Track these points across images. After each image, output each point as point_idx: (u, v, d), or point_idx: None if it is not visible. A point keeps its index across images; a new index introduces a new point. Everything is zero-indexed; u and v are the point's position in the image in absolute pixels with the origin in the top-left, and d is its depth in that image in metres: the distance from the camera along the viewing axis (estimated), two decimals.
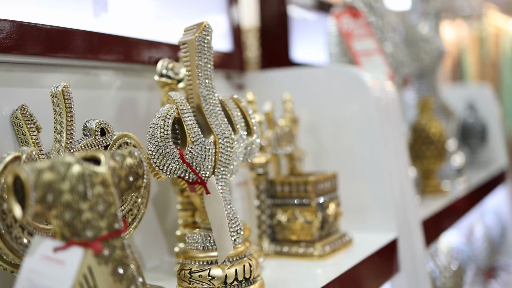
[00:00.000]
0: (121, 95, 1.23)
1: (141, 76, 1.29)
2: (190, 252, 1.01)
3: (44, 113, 1.01)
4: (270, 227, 1.31)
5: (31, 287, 0.71)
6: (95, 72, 1.18)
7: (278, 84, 1.61)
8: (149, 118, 1.27)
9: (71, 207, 0.72)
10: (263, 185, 1.29)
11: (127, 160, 0.81)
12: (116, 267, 0.75)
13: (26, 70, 1.05)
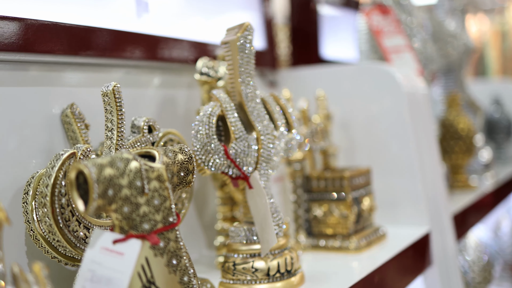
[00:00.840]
0: (160, 94, 1.27)
1: (180, 75, 1.32)
2: (233, 245, 1.05)
3: (91, 112, 1.05)
4: (306, 221, 1.34)
5: (93, 277, 0.74)
6: (137, 71, 1.22)
7: (309, 81, 1.63)
8: (188, 116, 1.30)
9: (130, 201, 0.75)
10: (299, 180, 1.32)
11: (179, 156, 0.84)
12: (171, 258, 0.79)
13: (75, 70, 1.09)
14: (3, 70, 0.97)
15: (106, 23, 1.14)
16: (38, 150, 1.00)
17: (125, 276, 0.74)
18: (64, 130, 1.03)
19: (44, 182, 0.84)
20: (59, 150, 1.00)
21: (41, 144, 1.01)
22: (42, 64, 1.03)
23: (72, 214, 0.86)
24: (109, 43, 1.13)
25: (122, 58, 1.16)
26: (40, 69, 1.03)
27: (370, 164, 1.49)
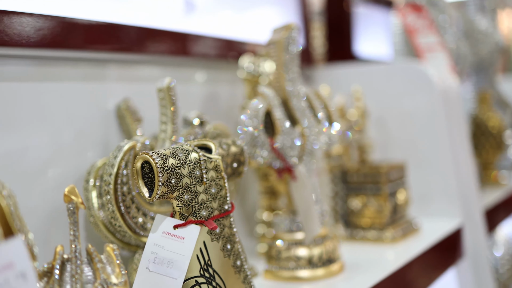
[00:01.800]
0: (204, 90, 1.32)
1: (222, 72, 1.38)
2: (278, 234, 1.10)
3: (144, 106, 1.11)
4: (344, 213, 1.39)
5: (156, 258, 0.80)
6: (181, 68, 1.28)
7: (344, 78, 1.68)
8: (230, 111, 1.36)
9: (190, 189, 0.81)
10: (337, 173, 1.37)
11: (232, 148, 0.90)
12: (225, 243, 0.85)
13: (129, 66, 1.15)
14: (64, 67, 1.03)
15: (155, 22, 1.20)
16: (94, 143, 1.06)
17: (185, 258, 0.80)
18: (118, 124, 1.10)
19: (107, 171, 0.90)
20: (114, 143, 1.07)
21: (97, 137, 1.07)
22: (98, 61, 1.09)
23: (132, 201, 0.92)
24: (158, 41, 1.19)
25: (168, 55, 1.22)
26: (97, 66, 1.09)
27: (404, 158, 1.54)
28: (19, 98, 0.95)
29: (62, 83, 1.03)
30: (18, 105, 0.95)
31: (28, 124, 0.96)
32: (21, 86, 0.95)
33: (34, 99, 0.97)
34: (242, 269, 0.87)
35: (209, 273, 0.82)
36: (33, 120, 0.97)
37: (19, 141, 0.94)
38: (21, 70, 0.96)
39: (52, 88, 1.00)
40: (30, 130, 0.96)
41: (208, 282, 0.82)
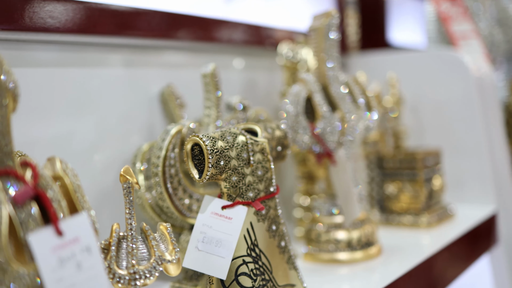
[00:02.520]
0: (242, 76, 1.35)
1: (260, 59, 1.40)
2: (317, 217, 1.13)
3: (186, 91, 1.14)
4: (379, 198, 1.41)
5: (204, 238, 0.83)
6: (221, 55, 1.30)
7: (378, 66, 1.69)
8: (268, 97, 1.38)
9: (237, 171, 0.84)
10: (373, 159, 1.39)
11: (276, 132, 0.92)
12: (271, 224, 0.87)
13: (173, 52, 1.18)
14: (109, 53, 1.06)
15: (195, 10, 1.23)
16: (138, 127, 1.10)
17: (233, 238, 0.83)
18: (162, 109, 1.12)
19: (156, 154, 0.93)
20: (157, 128, 1.10)
21: (141, 121, 1.10)
22: (141, 48, 1.12)
23: (179, 183, 0.94)
24: (198, 28, 1.21)
25: (209, 42, 1.25)
26: (141, 52, 1.12)
27: (438, 145, 1.55)
28: (66, 84, 0.98)
29: (107, 69, 1.06)
30: (65, 90, 0.98)
31: (75, 109, 0.99)
32: (68, 71, 0.98)
33: (81, 85, 1.00)
34: (286, 250, 0.89)
35: (256, 252, 0.85)
36: (79, 105, 1.00)
37: (66, 125, 0.97)
38: (69, 56, 0.99)
39: (98, 73, 1.03)
40: (76, 115, 0.99)
41: (254, 262, 0.84)
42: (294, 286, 0.90)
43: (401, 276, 1.02)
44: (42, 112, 0.94)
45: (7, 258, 0.56)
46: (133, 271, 0.71)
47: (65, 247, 0.59)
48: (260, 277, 0.84)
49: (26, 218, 0.58)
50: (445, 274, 1.22)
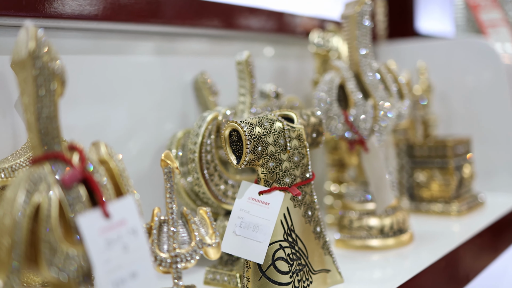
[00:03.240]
0: (273, 64, 1.35)
1: (291, 47, 1.41)
2: (349, 204, 1.13)
3: (219, 78, 1.15)
4: (409, 186, 1.41)
5: (242, 222, 0.84)
6: (252, 43, 1.31)
7: (406, 54, 1.69)
8: (299, 85, 1.39)
9: (274, 157, 0.84)
10: (402, 147, 1.39)
11: (311, 119, 0.93)
12: (307, 210, 0.88)
13: (205, 41, 1.19)
14: (144, 40, 1.07)
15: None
16: (172, 114, 1.11)
17: (270, 223, 0.83)
18: (195, 96, 1.13)
19: (192, 140, 0.94)
20: (191, 115, 1.11)
21: (175, 108, 1.11)
22: (176, 35, 1.13)
23: (215, 169, 0.95)
24: (230, 16, 1.22)
25: (240, 30, 1.25)
26: (175, 40, 1.13)
27: (467, 134, 1.55)
28: (100, 71, 0.99)
29: (141, 57, 1.07)
30: (99, 78, 0.99)
31: (109, 97, 1.00)
32: (102, 59, 0.99)
33: (115, 72, 1.01)
34: (321, 235, 0.90)
35: (292, 237, 0.85)
36: (114, 92, 1.01)
37: (101, 113, 0.99)
38: (104, 44, 1.00)
39: (131, 61, 1.05)
40: (111, 103, 1.01)
41: (291, 246, 0.85)
42: (329, 271, 0.91)
43: (432, 264, 1.03)
44: (77, 100, 0.95)
45: (57, 239, 0.57)
46: (174, 254, 0.72)
47: (112, 229, 0.60)
48: (297, 262, 0.85)
49: (74, 201, 0.60)
50: (475, 262, 1.22)
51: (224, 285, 0.93)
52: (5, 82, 0.85)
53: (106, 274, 0.59)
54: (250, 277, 0.83)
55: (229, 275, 0.93)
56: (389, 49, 1.73)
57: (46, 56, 0.59)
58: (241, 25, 1.25)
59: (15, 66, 0.60)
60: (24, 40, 0.59)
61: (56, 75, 0.60)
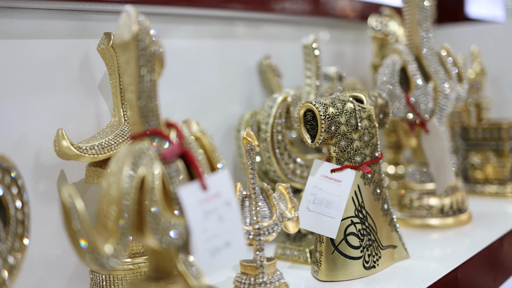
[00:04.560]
0: (329, 48, 1.38)
1: (347, 31, 1.43)
2: (409, 184, 1.16)
3: (282, 62, 1.18)
4: (463, 168, 1.43)
5: (315, 199, 0.88)
6: (306, 27, 1.34)
7: (457, 38, 1.70)
8: (355, 69, 1.42)
9: (346, 136, 0.88)
10: (457, 130, 1.41)
11: (379, 100, 0.96)
12: (375, 187, 0.91)
13: (270, 25, 1.22)
14: (211, 25, 1.11)
15: None
16: (238, 96, 1.15)
17: (342, 199, 0.87)
18: (260, 79, 1.17)
19: (264, 120, 0.98)
20: (256, 97, 1.15)
21: (241, 90, 1.15)
22: (242, 20, 1.17)
23: (285, 148, 0.99)
24: (287, 1, 1.25)
25: (297, 15, 1.28)
26: (241, 24, 1.16)
27: None
28: (172, 55, 1.02)
29: (208, 40, 1.11)
30: (172, 61, 1.03)
31: (177, 79, 1.04)
32: (170, 43, 1.03)
33: (182, 56, 1.05)
34: (388, 213, 0.94)
35: (362, 214, 0.89)
36: (181, 75, 1.05)
37: (169, 95, 1.02)
38: (172, 28, 1.04)
39: (200, 45, 1.09)
40: (179, 85, 1.05)
41: (361, 222, 0.89)
42: (396, 247, 0.94)
43: (491, 243, 1.05)
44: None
45: (161, 209, 0.62)
46: (257, 227, 0.76)
47: (209, 201, 0.64)
48: (367, 237, 0.89)
49: (174, 174, 0.64)
50: None
51: (294, 260, 0.97)
52: (89, 65, 0.90)
53: (204, 243, 0.63)
54: (323, 251, 0.87)
55: (299, 250, 0.97)
56: (439, 33, 1.75)
57: (148, 39, 0.63)
58: (299, 10, 1.28)
59: (118, 48, 0.64)
60: (127, 23, 0.63)
61: (156, 56, 0.64)
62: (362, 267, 0.88)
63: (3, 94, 0.80)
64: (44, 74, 0.85)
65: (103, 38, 0.85)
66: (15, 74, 0.82)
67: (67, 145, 0.78)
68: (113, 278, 0.82)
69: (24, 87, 0.83)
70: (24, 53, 0.83)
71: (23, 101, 0.82)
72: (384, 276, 0.90)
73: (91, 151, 0.80)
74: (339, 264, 0.87)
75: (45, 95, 0.85)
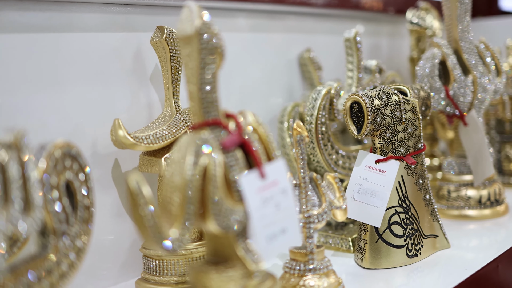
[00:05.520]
0: (365, 41, 1.40)
1: (383, 24, 1.45)
2: (447, 175, 1.18)
3: (322, 55, 1.21)
4: (498, 160, 1.45)
5: (359, 189, 0.90)
6: (346, 20, 1.36)
7: (491, 32, 1.71)
8: (391, 62, 1.44)
9: (391, 128, 0.90)
10: (492, 123, 1.43)
11: (421, 93, 0.98)
12: (418, 178, 0.94)
13: (313, 19, 1.24)
14: (254, 19, 1.13)
15: None
16: (280, 88, 1.17)
17: (387, 189, 0.89)
18: (301, 72, 1.20)
19: (309, 112, 1.00)
20: (297, 89, 1.18)
21: (282, 82, 1.18)
22: (283, 13, 1.19)
23: (328, 140, 1.02)
24: None
25: (336, 8, 1.30)
26: (282, 17, 1.19)
27: None
28: None
29: (248, 33, 1.13)
30: None
31: (222, 72, 1.07)
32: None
33: (229, 49, 1.07)
34: (430, 203, 0.96)
35: (406, 204, 0.91)
36: (226, 67, 1.07)
37: None
38: (217, 22, 1.07)
39: (243, 38, 1.11)
40: (225, 77, 1.07)
41: (405, 212, 0.91)
42: (437, 236, 0.96)
43: None
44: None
45: (223, 196, 0.64)
46: (307, 215, 0.79)
47: (266, 189, 0.67)
48: (410, 227, 0.91)
49: (234, 163, 0.67)
50: None
51: (337, 248, 1.00)
52: (141, 57, 0.93)
53: (262, 229, 0.66)
54: (367, 239, 0.90)
55: (341, 238, 0.99)
56: (473, 26, 1.75)
57: (210, 33, 0.66)
58: (335, 3, 1.30)
59: (180, 42, 0.67)
60: (189, 18, 0.66)
61: (218, 49, 0.67)
62: (405, 255, 0.90)
63: (62, 84, 0.84)
64: (99, 65, 0.88)
65: (156, 32, 0.88)
66: (72, 65, 0.85)
67: (124, 135, 0.81)
68: (166, 263, 0.85)
69: (81, 78, 0.86)
70: (81, 45, 0.86)
71: (80, 91, 0.86)
72: (426, 264, 0.92)
73: (146, 141, 0.83)
74: (383, 252, 0.89)
75: (99, 86, 0.88)
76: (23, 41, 0.80)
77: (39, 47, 0.81)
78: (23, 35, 0.80)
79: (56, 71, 0.83)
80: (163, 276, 0.85)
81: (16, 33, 0.79)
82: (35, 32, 0.81)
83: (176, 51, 0.88)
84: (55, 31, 0.83)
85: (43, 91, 0.81)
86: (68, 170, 0.65)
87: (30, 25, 0.81)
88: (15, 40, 0.79)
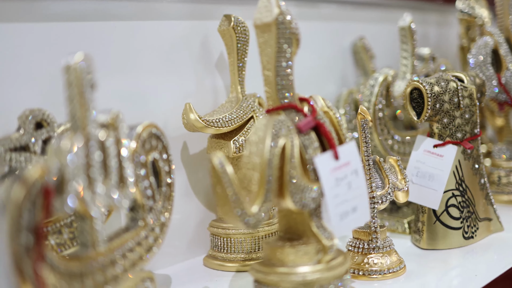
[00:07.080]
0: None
1: (431, 13, 1.48)
2: (497, 161, 1.21)
3: (376, 43, 1.24)
4: None
5: (418, 172, 0.94)
6: (393, 9, 1.39)
7: None
8: (440, 50, 1.46)
9: (449, 114, 0.93)
10: None
11: (477, 80, 1.00)
12: (474, 163, 0.97)
13: (365, 8, 1.27)
14: (307, 7, 1.17)
15: None
16: (333, 75, 1.21)
17: (444, 173, 0.93)
18: (354, 59, 1.23)
19: (366, 98, 1.04)
20: (350, 76, 1.21)
21: (335, 70, 1.21)
22: (337, 3, 1.23)
23: (385, 125, 1.05)
24: None
25: None
26: (337, 7, 1.22)
27: None
28: None
29: (304, 22, 1.16)
30: None
31: None
32: None
33: None
34: (485, 187, 0.99)
35: (462, 187, 0.94)
36: None
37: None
38: None
39: (300, 26, 1.14)
40: None
41: (461, 195, 0.94)
42: (491, 220, 0.99)
43: None
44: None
45: (300, 175, 0.68)
46: (372, 196, 0.83)
47: (340, 169, 0.71)
48: (466, 209, 0.94)
49: (309, 144, 0.70)
50: None
51: (393, 230, 1.03)
52: (208, 45, 0.97)
53: (335, 207, 0.70)
54: (425, 221, 0.93)
55: (397, 220, 1.03)
56: None
57: (287, 21, 0.70)
58: None
59: (257, 29, 0.71)
60: (267, 6, 0.70)
61: (294, 37, 0.71)
62: (462, 237, 0.94)
63: (136, 71, 0.88)
64: (169, 53, 0.92)
65: (223, 20, 0.92)
66: (145, 52, 0.89)
67: (195, 118, 0.85)
68: (232, 240, 0.89)
69: (153, 64, 0.90)
70: (152, 33, 0.90)
71: (152, 77, 0.90)
72: (481, 246, 0.95)
73: (216, 124, 0.87)
74: (440, 234, 0.93)
75: (169, 72, 0.92)
76: (101, 28, 0.84)
77: (116, 34, 0.86)
78: (101, 23, 0.85)
79: (129, 58, 0.88)
80: (230, 253, 0.89)
81: (96, 21, 0.84)
82: (112, 20, 0.86)
83: (242, 39, 0.92)
84: (130, 19, 0.88)
85: (118, 76, 0.86)
86: (154, 149, 0.69)
87: (109, 13, 0.85)
88: (95, 27, 0.84)
